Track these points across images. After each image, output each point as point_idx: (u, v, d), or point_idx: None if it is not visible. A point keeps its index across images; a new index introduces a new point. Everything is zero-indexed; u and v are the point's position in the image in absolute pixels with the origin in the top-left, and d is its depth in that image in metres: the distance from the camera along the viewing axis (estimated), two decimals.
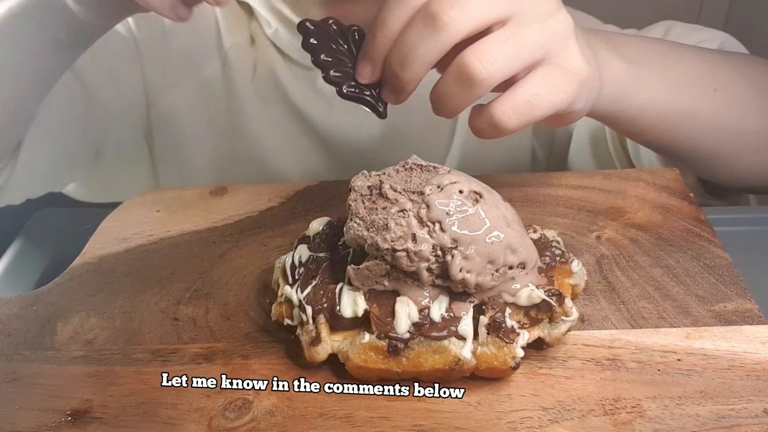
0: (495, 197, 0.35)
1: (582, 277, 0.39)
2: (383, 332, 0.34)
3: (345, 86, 0.37)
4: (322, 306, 0.35)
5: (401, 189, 0.35)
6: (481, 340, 0.34)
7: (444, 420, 0.33)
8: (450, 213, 0.33)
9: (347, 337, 0.35)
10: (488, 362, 0.34)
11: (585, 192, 0.49)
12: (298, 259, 0.38)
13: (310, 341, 0.35)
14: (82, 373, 0.37)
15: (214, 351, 0.38)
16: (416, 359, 0.34)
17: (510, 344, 0.33)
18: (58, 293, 0.44)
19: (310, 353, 0.35)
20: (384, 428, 0.33)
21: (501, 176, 0.52)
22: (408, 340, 0.34)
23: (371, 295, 0.35)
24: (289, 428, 0.33)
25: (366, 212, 0.35)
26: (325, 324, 0.35)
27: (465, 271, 0.33)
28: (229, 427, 0.33)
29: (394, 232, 0.33)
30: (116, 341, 0.39)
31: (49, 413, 0.35)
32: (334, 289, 0.36)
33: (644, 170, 0.52)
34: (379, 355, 0.34)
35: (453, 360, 0.34)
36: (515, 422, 0.33)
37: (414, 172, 0.36)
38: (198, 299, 0.42)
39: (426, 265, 0.34)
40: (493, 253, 0.34)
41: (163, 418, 0.34)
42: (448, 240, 0.33)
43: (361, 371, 0.35)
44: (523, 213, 0.47)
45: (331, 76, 0.37)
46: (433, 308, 0.34)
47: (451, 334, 0.34)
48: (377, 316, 0.35)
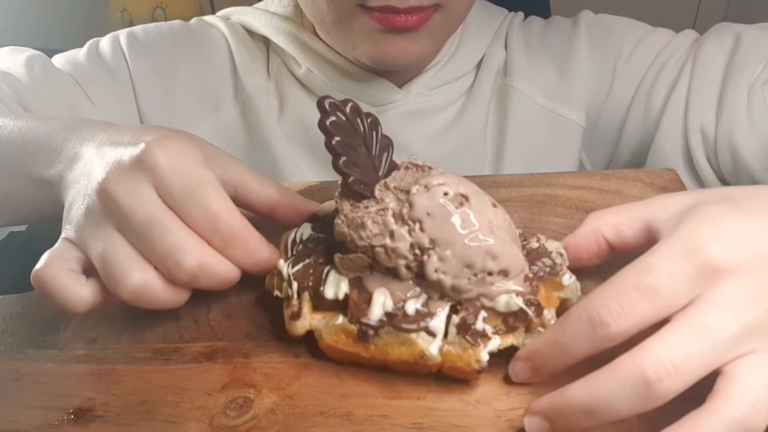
0: (483, 202, 0.35)
1: (574, 291, 0.37)
2: (356, 317, 0.35)
3: (352, 178, 0.35)
4: (307, 284, 0.37)
5: (393, 186, 0.35)
6: (449, 338, 0.34)
7: (443, 418, 0.33)
8: (431, 214, 0.34)
9: (326, 318, 0.36)
10: (452, 362, 0.34)
11: (583, 192, 0.49)
12: (299, 236, 0.40)
13: (291, 315, 0.37)
14: (84, 372, 0.38)
15: (216, 350, 0.38)
16: (384, 348, 0.35)
17: (476, 347, 0.33)
18: None
19: (290, 326, 0.37)
20: (384, 426, 0.33)
21: (501, 176, 0.52)
22: (378, 328, 0.34)
23: (356, 281, 0.36)
24: (289, 426, 0.33)
25: (350, 209, 0.35)
26: (309, 301, 0.37)
27: (440, 272, 0.34)
28: (230, 425, 0.34)
29: (370, 230, 0.34)
30: (118, 340, 0.40)
31: (52, 411, 0.35)
32: (322, 270, 0.37)
33: (642, 170, 0.52)
34: (349, 339, 0.35)
35: (419, 354, 0.34)
36: (514, 420, 0.33)
37: (409, 172, 0.37)
38: (199, 298, 0.42)
39: (404, 263, 0.34)
40: (471, 258, 0.33)
41: (165, 416, 0.34)
42: (426, 240, 0.34)
43: (332, 351, 0.36)
44: (522, 213, 0.48)
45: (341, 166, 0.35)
46: (410, 301, 0.35)
47: (421, 329, 0.34)
48: (355, 301, 0.35)
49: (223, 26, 0.69)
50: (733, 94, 0.59)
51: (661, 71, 0.64)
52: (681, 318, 0.29)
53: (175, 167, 0.36)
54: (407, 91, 0.66)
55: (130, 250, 0.35)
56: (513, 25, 0.71)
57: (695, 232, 0.31)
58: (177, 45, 0.68)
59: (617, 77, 0.66)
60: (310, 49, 0.65)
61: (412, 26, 0.56)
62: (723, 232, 0.31)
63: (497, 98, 0.68)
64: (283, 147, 0.65)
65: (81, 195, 0.38)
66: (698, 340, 0.28)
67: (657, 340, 0.29)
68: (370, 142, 0.37)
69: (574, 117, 0.68)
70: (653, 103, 0.64)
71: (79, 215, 0.37)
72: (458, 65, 0.68)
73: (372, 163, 0.37)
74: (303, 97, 0.67)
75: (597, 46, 0.67)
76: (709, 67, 0.61)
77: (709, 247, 0.30)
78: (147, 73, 0.66)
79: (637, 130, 0.66)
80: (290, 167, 0.65)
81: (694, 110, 0.61)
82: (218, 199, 0.36)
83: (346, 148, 0.35)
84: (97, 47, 0.67)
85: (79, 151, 0.40)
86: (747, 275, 0.30)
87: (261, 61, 0.69)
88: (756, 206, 0.32)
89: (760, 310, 0.29)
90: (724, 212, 0.32)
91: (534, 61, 0.69)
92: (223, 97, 0.67)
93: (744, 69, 0.59)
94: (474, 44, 0.69)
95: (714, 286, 0.30)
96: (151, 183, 0.36)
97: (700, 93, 0.61)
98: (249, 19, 0.69)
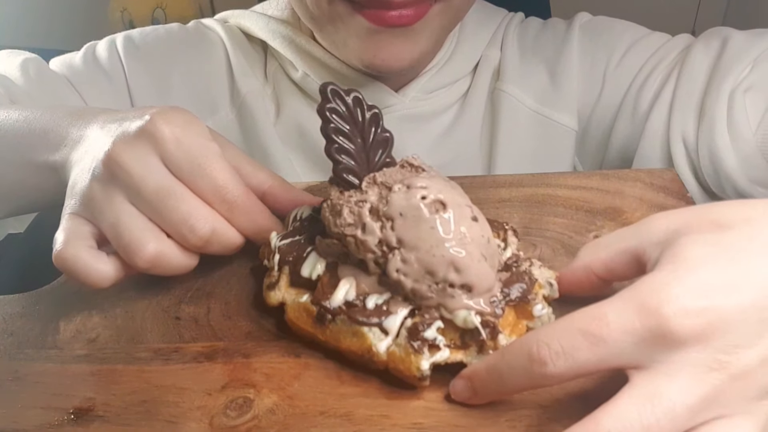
0: (462, 214, 0.34)
1: (547, 322, 0.36)
2: (317, 299, 0.36)
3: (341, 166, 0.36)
4: (288, 259, 0.38)
5: (380, 181, 0.36)
6: (398, 340, 0.34)
7: (443, 418, 0.33)
8: (403, 214, 0.34)
9: (297, 294, 0.38)
10: (396, 363, 0.34)
11: (583, 192, 0.50)
12: (300, 214, 0.41)
13: (268, 285, 0.39)
14: (84, 372, 0.38)
15: (216, 350, 0.38)
16: (336, 334, 0.35)
17: (418, 354, 0.33)
18: (61, 292, 0.44)
19: (265, 294, 0.39)
20: (384, 426, 0.33)
21: (501, 176, 0.52)
22: (335, 314, 0.35)
23: (331, 266, 0.37)
24: (289, 426, 0.33)
25: (336, 195, 0.36)
26: (287, 275, 0.38)
27: (401, 274, 0.34)
28: (230, 425, 0.34)
29: (345, 219, 0.35)
30: (118, 340, 0.40)
31: (52, 411, 0.35)
32: (305, 249, 0.38)
33: (642, 170, 0.52)
34: (309, 318, 0.36)
35: (367, 348, 0.34)
36: (514, 420, 0.33)
37: (403, 170, 0.37)
38: (199, 298, 0.42)
39: (372, 257, 0.34)
40: (434, 266, 0.33)
41: (165, 416, 0.34)
42: (394, 239, 0.34)
43: (294, 327, 0.38)
44: (522, 213, 0.48)
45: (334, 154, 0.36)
46: (372, 296, 0.35)
47: (374, 324, 0.34)
48: (323, 284, 0.36)
49: (221, 30, 0.69)
50: (713, 102, 0.56)
51: (649, 76, 0.62)
52: (637, 383, 0.28)
53: (180, 139, 0.38)
54: (403, 95, 0.65)
55: (142, 220, 0.37)
56: (510, 26, 0.70)
57: (660, 283, 0.28)
58: (174, 48, 0.68)
59: (607, 81, 0.65)
60: (306, 53, 0.64)
61: (406, 22, 0.53)
62: (692, 286, 0.28)
63: (491, 103, 0.67)
64: (279, 151, 0.65)
65: (87, 169, 0.39)
66: (654, 408, 0.27)
67: (611, 408, 0.27)
68: (367, 134, 0.37)
69: (566, 121, 0.67)
70: (640, 108, 0.62)
71: (85, 188, 0.38)
72: (455, 68, 0.67)
73: (366, 155, 0.37)
74: (299, 101, 0.66)
75: (589, 49, 0.66)
76: (693, 73, 0.59)
77: (668, 308, 0.27)
78: (143, 77, 0.65)
79: (624, 135, 0.64)
80: (286, 171, 0.65)
81: (677, 117, 0.59)
82: (224, 170, 0.38)
83: (341, 135, 0.36)
84: (93, 50, 0.67)
85: (83, 134, 0.41)
86: (706, 340, 0.27)
87: (258, 64, 0.68)
88: (745, 239, 0.29)
89: (723, 375, 0.27)
90: (705, 252, 0.29)
91: (526, 65, 0.67)
92: (219, 100, 0.67)
93: (727, 75, 0.56)
94: (471, 46, 0.68)
95: (668, 352, 0.27)
96: (157, 154, 0.38)
97: (683, 100, 0.59)
98: (246, 22, 0.68)
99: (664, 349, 0.27)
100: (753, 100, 0.55)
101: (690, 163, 0.60)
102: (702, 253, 0.29)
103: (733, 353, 0.27)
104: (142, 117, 0.38)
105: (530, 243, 0.45)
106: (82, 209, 0.38)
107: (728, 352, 0.27)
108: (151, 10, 1.65)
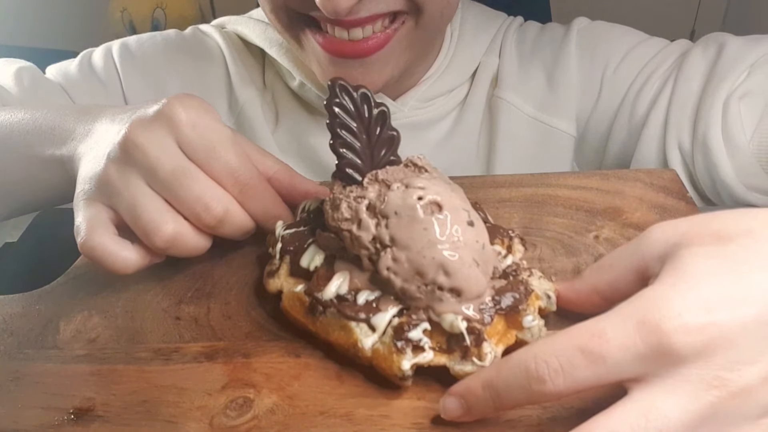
0: (458, 217, 0.34)
1: (536, 334, 0.35)
2: (311, 290, 0.36)
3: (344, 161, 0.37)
4: (289, 248, 0.39)
5: (381, 179, 0.36)
6: (384, 338, 0.34)
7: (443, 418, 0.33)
8: (398, 213, 0.34)
9: (294, 283, 0.38)
10: (379, 361, 0.34)
11: (583, 192, 0.50)
12: (308, 206, 0.42)
13: (269, 272, 0.40)
14: (84, 372, 0.38)
15: (216, 350, 0.38)
16: (326, 326, 0.36)
17: (400, 354, 0.33)
18: (60, 292, 0.44)
19: (265, 281, 0.40)
20: (384, 426, 0.33)
21: (501, 176, 0.52)
22: (326, 306, 0.35)
23: (329, 259, 0.37)
24: (289, 426, 0.33)
25: (338, 190, 0.37)
26: (287, 264, 0.39)
27: (391, 272, 0.34)
28: (230, 425, 0.34)
29: (342, 213, 0.35)
30: (118, 340, 0.40)
31: (52, 411, 0.35)
32: (307, 240, 0.39)
33: (642, 170, 0.52)
34: (302, 308, 0.37)
35: (353, 343, 0.34)
36: (514, 420, 0.33)
37: (406, 169, 0.37)
38: (199, 298, 0.42)
39: (366, 254, 0.35)
40: (424, 267, 0.33)
41: (165, 416, 0.34)
42: (387, 237, 0.34)
43: (289, 316, 0.38)
44: (522, 213, 0.48)
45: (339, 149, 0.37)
46: (364, 292, 0.35)
47: (362, 320, 0.34)
48: (319, 276, 0.37)
49: (219, 37, 0.69)
50: (708, 108, 0.56)
51: (646, 82, 0.61)
52: (633, 396, 0.27)
53: (196, 123, 0.39)
54: (402, 103, 0.65)
55: (159, 201, 0.39)
56: (509, 32, 0.69)
57: (661, 298, 0.28)
58: (171, 56, 0.68)
59: (605, 86, 0.64)
60: (302, 61, 0.63)
61: (364, 54, 0.51)
62: (693, 301, 0.27)
63: (489, 110, 0.67)
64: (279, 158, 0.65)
65: (102, 155, 0.40)
66: (647, 424, 0.26)
67: (604, 420, 0.27)
68: (373, 131, 0.37)
69: (564, 127, 0.66)
70: (636, 114, 0.62)
71: (101, 172, 0.39)
72: (453, 76, 0.66)
73: (370, 152, 0.37)
74: (297, 109, 0.66)
75: (587, 55, 0.66)
76: (689, 79, 0.58)
77: (669, 324, 0.27)
78: (139, 85, 0.65)
79: (621, 141, 0.64)
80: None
81: (673, 124, 0.59)
82: (237, 154, 0.40)
83: (346, 131, 0.36)
84: (89, 58, 0.67)
85: (91, 128, 0.42)
86: (708, 357, 0.27)
87: (256, 71, 0.68)
88: (746, 252, 0.29)
89: (723, 393, 0.26)
90: (706, 265, 0.29)
91: (524, 71, 0.67)
92: (217, 108, 0.66)
93: (722, 82, 0.56)
94: (470, 53, 0.67)
95: (668, 368, 0.27)
96: (173, 137, 0.39)
97: (679, 106, 0.59)
98: (244, 29, 0.68)
99: (665, 365, 0.27)
100: (748, 107, 0.55)
101: (686, 169, 0.60)
102: (703, 266, 0.29)
103: (734, 370, 0.27)
104: (158, 101, 0.40)
105: (530, 243, 0.45)
106: (98, 193, 0.39)
107: (729, 369, 0.27)
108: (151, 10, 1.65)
